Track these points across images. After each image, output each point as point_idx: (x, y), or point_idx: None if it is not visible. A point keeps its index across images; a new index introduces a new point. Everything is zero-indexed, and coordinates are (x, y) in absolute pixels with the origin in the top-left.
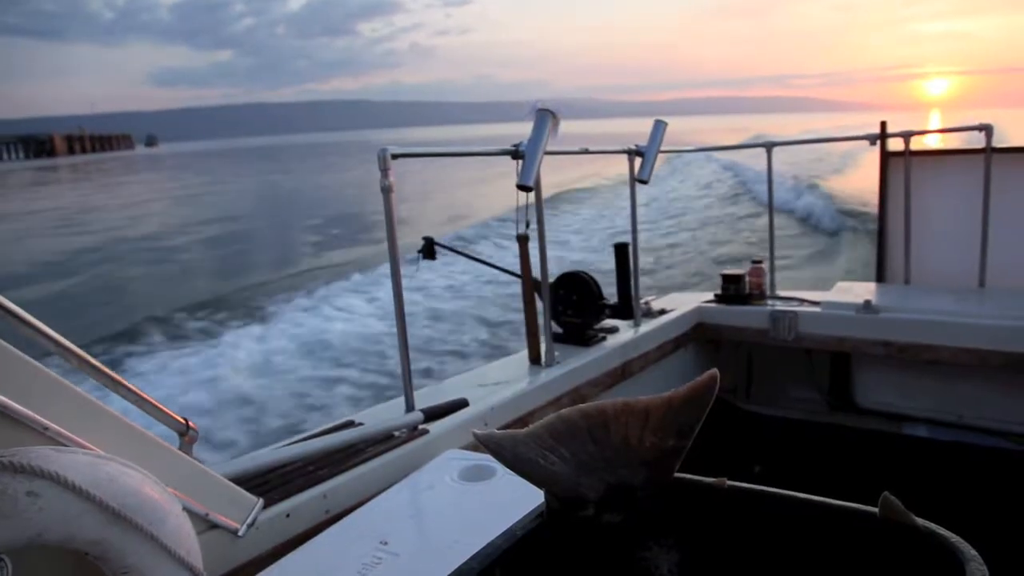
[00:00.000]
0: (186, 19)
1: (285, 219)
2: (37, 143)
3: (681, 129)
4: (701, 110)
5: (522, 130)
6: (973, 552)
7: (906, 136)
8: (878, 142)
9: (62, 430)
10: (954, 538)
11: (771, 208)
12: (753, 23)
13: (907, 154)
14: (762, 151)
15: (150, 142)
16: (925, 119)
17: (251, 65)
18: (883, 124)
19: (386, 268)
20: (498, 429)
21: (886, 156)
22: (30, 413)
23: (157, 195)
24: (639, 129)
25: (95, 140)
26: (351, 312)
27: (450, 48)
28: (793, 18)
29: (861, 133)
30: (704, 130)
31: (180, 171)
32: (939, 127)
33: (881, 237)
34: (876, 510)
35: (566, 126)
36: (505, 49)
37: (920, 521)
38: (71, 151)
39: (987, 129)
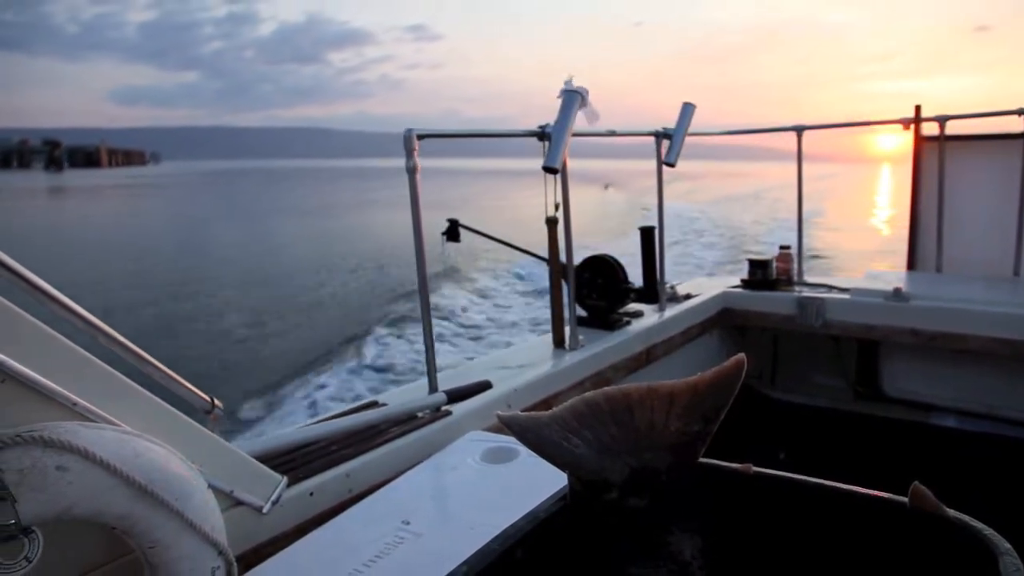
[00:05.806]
0: (154, 38)
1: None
2: (85, 154)
3: (642, 171)
4: None
5: (485, 165)
6: (1007, 545)
7: (941, 120)
8: (912, 126)
9: (90, 406)
10: (987, 530)
11: (800, 193)
12: (714, 71)
13: (942, 139)
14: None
15: (155, 159)
16: (877, 171)
17: (217, 88)
18: (917, 108)
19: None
20: (521, 411)
21: (920, 141)
22: (60, 389)
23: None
24: (602, 167)
25: (123, 154)
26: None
27: (419, 81)
28: (754, 69)
29: (825, 179)
30: (665, 177)
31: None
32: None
33: (913, 224)
34: (906, 500)
35: (537, 163)
36: (472, 85)
37: (952, 512)
38: (110, 163)
39: None
